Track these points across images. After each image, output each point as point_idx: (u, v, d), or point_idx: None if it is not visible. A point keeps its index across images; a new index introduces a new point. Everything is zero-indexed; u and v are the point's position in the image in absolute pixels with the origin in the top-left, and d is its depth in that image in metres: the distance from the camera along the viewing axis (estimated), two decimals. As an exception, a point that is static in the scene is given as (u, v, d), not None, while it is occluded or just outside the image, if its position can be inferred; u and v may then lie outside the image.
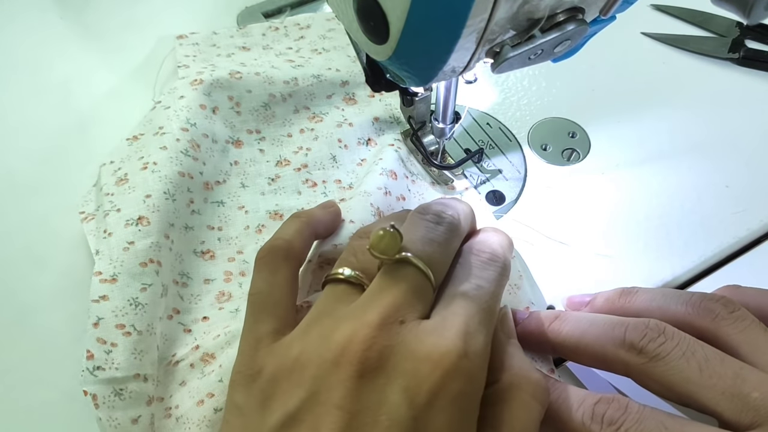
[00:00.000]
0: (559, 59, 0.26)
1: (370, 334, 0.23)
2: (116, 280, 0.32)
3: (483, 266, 0.27)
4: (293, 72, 0.43)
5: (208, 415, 0.30)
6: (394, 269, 0.25)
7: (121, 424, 0.29)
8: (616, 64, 0.46)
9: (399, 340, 0.23)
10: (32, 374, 0.33)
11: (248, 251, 0.37)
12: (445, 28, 0.21)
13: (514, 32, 0.23)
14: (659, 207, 0.38)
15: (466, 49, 0.22)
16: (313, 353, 0.24)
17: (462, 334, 0.23)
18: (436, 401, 0.22)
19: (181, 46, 0.46)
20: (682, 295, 0.28)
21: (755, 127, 0.42)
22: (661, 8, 0.50)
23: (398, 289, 0.25)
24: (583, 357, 0.28)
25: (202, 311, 0.35)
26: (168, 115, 0.39)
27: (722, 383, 0.24)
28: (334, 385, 0.22)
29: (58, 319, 0.35)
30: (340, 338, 0.23)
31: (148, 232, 0.34)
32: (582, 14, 0.23)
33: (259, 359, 0.25)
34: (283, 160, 0.41)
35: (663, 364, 0.25)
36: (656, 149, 0.41)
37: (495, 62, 0.23)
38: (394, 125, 0.43)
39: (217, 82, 0.41)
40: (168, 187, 0.35)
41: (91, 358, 0.30)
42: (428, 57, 0.22)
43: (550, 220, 0.37)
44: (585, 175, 0.40)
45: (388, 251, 0.25)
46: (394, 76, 0.28)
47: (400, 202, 0.37)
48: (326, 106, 0.43)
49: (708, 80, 0.45)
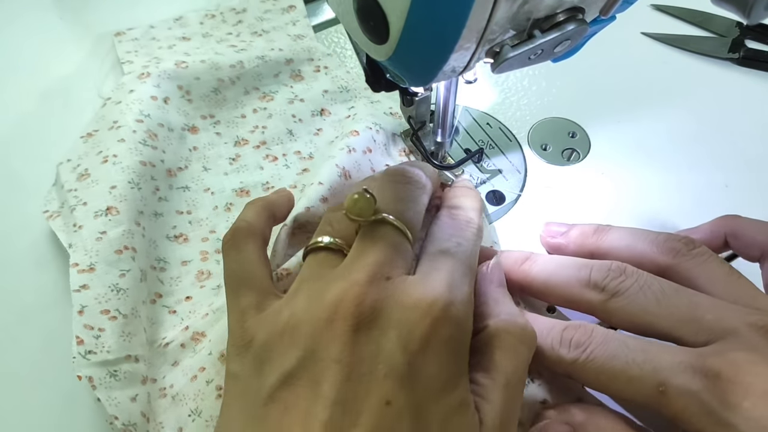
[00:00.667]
0: (559, 59, 0.26)
1: (360, 290, 0.24)
2: (94, 269, 0.33)
3: (461, 226, 0.30)
4: (237, 56, 0.44)
5: (202, 389, 0.31)
6: (372, 229, 0.27)
7: (121, 403, 0.29)
8: (616, 64, 0.46)
9: (388, 294, 0.24)
10: (32, 374, 0.33)
11: (220, 229, 0.38)
12: (445, 28, 0.21)
13: (514, 32, 0.23)
14: (659, 207, 0.38)
15: (466, 49, 0.22)
16: (304, 315, 0.24)
17: (447, 284, 0.25)
18: (428, 346, 0.23)
19: (120, 43, 0.47)
20: (649, 235, 0.30)
21: (755, 127, 0.42)
22: (661, 8, 0.50)
23: (380, 248, 0.26)
24: (550, 296, 0.30)
25: (184, 291, 0.35)
26: (121, 109, 0.39)
27: (678, 311, 0.26)
28: (330, 341, 0.23)
29: (58, 319, 0.35)
30: (331, 297, 0.24)
31: (118, 221, 0.34)
32: (582, 14, 0.23)
33: (249, 329, 0.26)
34: (241, 140, 0.42)
35: (623, 299, 0.27)
36: (656, 149, 0.41)
37: (495, 62, 0.23)
38: (344, 93, 0.44)
39: (164, 73, 0.41)
40: (132, 176, 0.36)
41: (81, 343, 0.30)
42: (428, 57, 0.22)
43: (550, 220, 0.37)
44: (585, 175, 0.40)
45: (363, 213, 0.26)
46: (394, 76, 0.28)
47: (367, 155, 0.37)
48: (275, 84, 0.45)
49: (708, 80, 0.45)
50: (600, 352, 0.26)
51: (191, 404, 0.31)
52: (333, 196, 0.34)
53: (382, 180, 0.30)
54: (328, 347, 0.23)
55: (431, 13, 0.20)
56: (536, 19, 0.22)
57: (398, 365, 0.23)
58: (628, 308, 0.27)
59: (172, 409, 0.31)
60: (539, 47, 0.23)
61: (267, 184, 0.40)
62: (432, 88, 0.37)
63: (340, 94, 0.44)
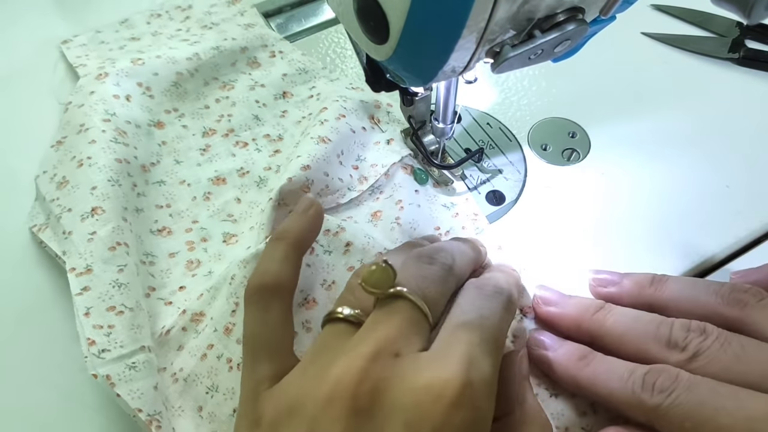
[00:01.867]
0: (559, 59, 0.26)
1: (362, 366, 0.22)
2: (91, 270, 0.33)
3: (486, 297, 0.27)
4: (192, 48, 0.44)
5: (214, 365, 0.31)
6: (387, 303, 0.25)
7: (144, 393, 0.29)
8: (616, 64, 0.46)
9: (395, 372, 0.22)
10: (33, 374, 0.33)
11: (202, 218, 0.38)
12: (445, 28, 0.21)
13: (514, 32, 0.23)
14: (659, 207, 0.38)
15: (466, 49, 0.22)
16: (309, 392, 0.23)
17: (465, 362, 0.22)
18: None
19: (69, 50, 0.47)
20: (711, 285, 0.29)
21: (755, 127, 0.42)
22: (661, 8, 0.50)
23: (392, 322, 0.24)
24: (624, 350, 0.28)
25: (177, 282, 0.36)
26: (85, 111, 0.39)
27: (760, 366, 0.25)
28: (329, 423, 0.22)
29: (58, 319, 0.35)
30: (333, 374, 0.23)
31: (106, 219, 0.34)
32: (582, 14, 0.23)
33: (260, 405, 0.25)
34: (209, 130, 0.42)
35: (703, 359, 0.25)
36: (656, 149, 0.41)
37: (495, 62, 0.23)
38: (303, 75, 0.45)
39: (122, 71, 0.42)
40: (110, 174, 0.36)
41: (93, 344, 0.30)
42: (428, 57, 0.22)
43: (550, 220, 0.37)
44: (585, 175, 0.40)
45: (380, 285, 0.25)
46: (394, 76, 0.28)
47: (341, 120, 0.38)
48: (233, 73, 0.45)
49: (708, 80, 0.45)
50: (686, 397, 0.24)
51: (206, 381, 0.31)
52: (314, 163, 0.36)
53: (406, 257, 0.28)
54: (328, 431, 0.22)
55: (431, 13, 0.20)
56: (536, 19, 0.22)
57: None
58: (708, 368, 0.25)
59: (187, 392, 0.31)
60: (539, 47, 0.23)
61: (242, 170, 0.40)
62: (432, 88, 0.37)
63: (300, 76, 0.45)
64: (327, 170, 0.37)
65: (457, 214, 0.38)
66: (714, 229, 0.37)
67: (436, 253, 0.28)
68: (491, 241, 0.36)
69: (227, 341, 0.31)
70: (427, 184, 0.39)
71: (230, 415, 0.30)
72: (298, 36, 0.50)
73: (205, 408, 0.30)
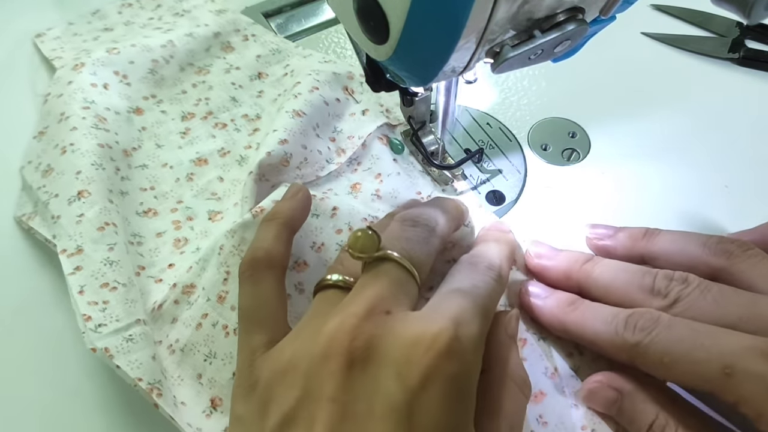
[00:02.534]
0: (559, 59, 0.26)
1: (355, 323, 0.23)
2: (82, 250, 0.33)
3: (479, 273, 0.28)
4: (166, 36, 0.45)
5: (210, 333, 0.32)
6: (375, 266, 0.26)
7: (143, 363, 0.30)
8: (616, 64, 0.46)
9: (387, 328, 0.23)
10: (33, 374, 0.33)
11: (186, 198, 0.39)
12: (445, 28, 0.21)
13: (514, 32, 0.23)
14: (659, 207, 0.38)
15: (466, 49, 0.22)
16: (303, 352, 0.24)
17: (454, 319, 0.23)
18: (429, 384, 0.22)
19: (43, 43, 0.48)
20: (700, 237, 0.30)
21: (755, 127, 0.42)
22: (661, 8, 0.50)
23: (381, 282, 0.25)
24: (610, 299, 0.29)
25: (166, 260, 0.36)
26: (64, 100, 0.40)
27: (738, 310, 0.26)
28: (325, 378, 0.22)
29: (59, 318, 0.35)
30: (326, 333, 0.23)
31: (92, 201, 0.35)
32: (582, 14, 0.23)
33: (255, 370, 0.25)
34: (187, 114, 0.43)
35: (683, 304, 0.27)
36: (656, 149, 0.41)
37: (495, 62, 0.23)
38: (277, 55, 0.46)
39: (98, 61, 0.42)
40: (93, 159, 0.37)
41: (89, 320, 0.31)
42: (428, 57, 0.22)
43: (550, 220, 0.37)
44: (585, 175, 0.40)
45: (366, 249, 0.26)
46: (394, 76, 0.28)
47: (314, 92, 0.39)
48: (208, 58, 0.46)
49: (708, 80, 0.45)
50: (665, 335, 0.26)
51: (204, 349, 0.31)
52: (291, 136, 0.36)
53: (389, 222, 0.30)
54: (323, 385, 0.22)
55: (431, 13, 0.20)
56: (536, 19, 0.22)
57: (397, 404, 0.21)
58: (688, 313, 0.27)
59: (185, 361, 0.32)
60: (539, 47, 0.23)
61: (222, 150, 0.41)
62: (432, 88, 0.37)
63: (273, 56, 0.46)
64: (305, 143, 0.37)
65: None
66: (714, 229, 0.37)
67: (418, 216, 0.29)
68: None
69: (221, 309, 0.32)
70: (404, 153, 0.40)
71: (230, 379, 0.31)
72: (298, 36, 0.49)
73: (205, 375, 0.31)
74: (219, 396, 0.31)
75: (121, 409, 0.32)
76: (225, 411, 0.30)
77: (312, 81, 0.40)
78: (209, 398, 0.31)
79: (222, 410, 0.30)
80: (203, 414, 0.30)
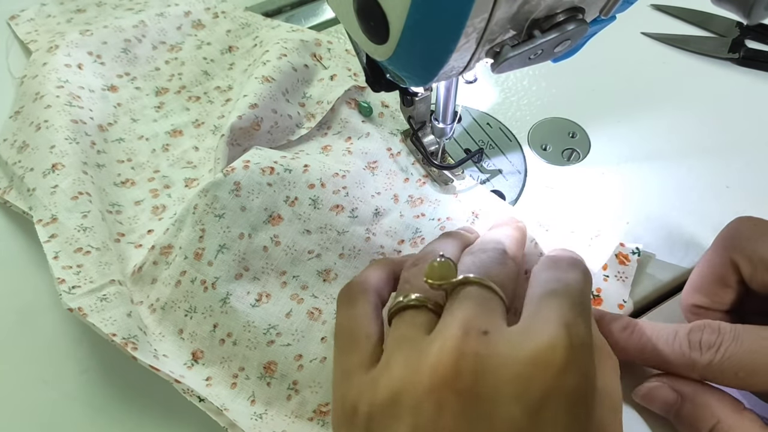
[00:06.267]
0: (559, 59, 0.26)
1: (455, 346, 0.22)
2: (56, 219, 0.35)
3: (564, 269, 0.26)
4: (138, 16, 0.47)
5: (189, 289, 0.33)
6: (458, 291, 0.25)
7: (117, 320, 0.31)
8: (616, 64, 0.46)
9: (490, 349, 0.22)
10: (33, 374, 0.33)
11: (163, 167, 0.41)
12: (445, 28, 0.21)
13: (514, 32, 0.23)
14: (659, 207, 0.38)
15: (466, 49, 0.22)
16: (403, 384, 0.23)
17: (563, 326, 0.22)
18: (551, 402, 0.21)
19: (18, 26, 0.49)
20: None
21: (755, 127, 0.42)
22: (661, 8, 0.50)
23: (468, 304, 0.24)
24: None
25: (145, 227, 0.37)
26: (39, 81, 0.41)
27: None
28: (436, 410, 0.21)
29: (59, 319, 0.35)
30: (429, 363, 0.22)
31: (66, 173, 0.36)
32: (582, 14, 0.23)
33: (351, 396, 0.25)
34: (161, 89, 0.45)
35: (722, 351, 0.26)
36: (656, 149, 0.41)
37: (495, 62, 0.23)
38: (246, 28, 0.47)
39: (72, 43, 0.43)
40: (67, 134, 0.38)
41: (63, 282, 0.32)
42: (428, 57, 0.22)
43: (550, 220, 0.37)
44: (585, 175, 0.40)
45: (446, 276, 0.25)
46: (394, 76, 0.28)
47: (283, 59, 0.41)
48: (179, 36, 0.47)
49: (708, 80, 0.45)
50: (734, 348, 0.25)
51: (184, 305, 0.33)
52: (261, 101, 0.38)
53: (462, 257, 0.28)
54: (437, 419, 0.21)
55: (431, 13, 0.20)
56: (536, 19, 0.22)
57: (521, 427, 0.20)
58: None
59: (166, 318, 0.33)
60: (539, 47, 0.22)
61: (197, 122, 0.43)
62: (432, 88, 0.37)
63: (243, 30, 0.47)
64: (275, 107, 0.39)
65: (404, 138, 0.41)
66: (714, 229, 0.36)
67: (486, 244, 0.29)
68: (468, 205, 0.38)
69: (199, 265, 0.33)
70: (373, 115, 0.41)
71: (211, 331, 0.32)
72: (298, 36, 0.49)
73: (186, 329, 0.33)
74: (200, 349, 0.32)
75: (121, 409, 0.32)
76: (206, 363, 0.32)
77: (280, 48, 0.42)
78: (190, 351, 0.32)
79: (203, 362, 0.32)
80: (184, 366, 0.32)
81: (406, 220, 0.37)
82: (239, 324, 0.32)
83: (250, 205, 0.34)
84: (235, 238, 0.33)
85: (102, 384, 0.33)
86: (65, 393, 0.32)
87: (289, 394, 0.31)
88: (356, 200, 0.36)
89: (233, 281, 0.33)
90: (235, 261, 0.33)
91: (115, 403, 0.32)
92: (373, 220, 0.36)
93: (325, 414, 0.30)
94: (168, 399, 0.31)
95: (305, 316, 0.33)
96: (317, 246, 0.35)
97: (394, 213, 0.37)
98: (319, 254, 0.35)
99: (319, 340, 0.32)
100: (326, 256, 0.35)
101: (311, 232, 0.35)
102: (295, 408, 0.31)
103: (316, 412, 0.30)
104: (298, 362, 0.31)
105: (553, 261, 0.27)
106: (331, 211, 0.35)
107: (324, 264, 0.35)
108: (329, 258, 0.35)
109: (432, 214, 0.38)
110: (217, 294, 0.32)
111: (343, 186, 0.36)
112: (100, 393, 0.32)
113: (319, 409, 0.30)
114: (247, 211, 0.34)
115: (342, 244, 0.35)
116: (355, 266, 0.35)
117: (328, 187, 0.35)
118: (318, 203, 0.35)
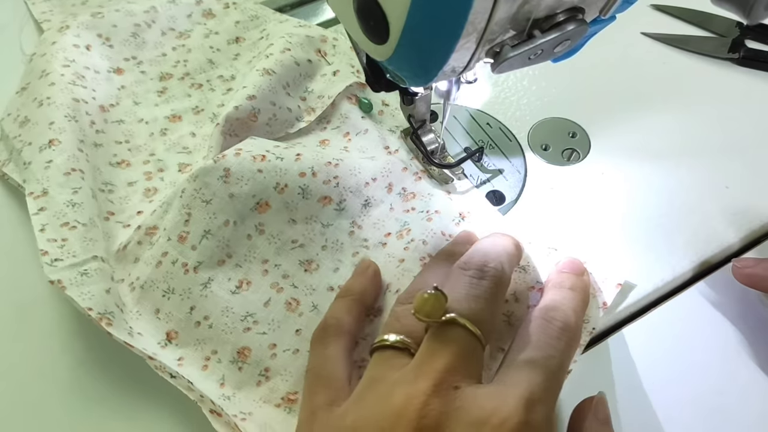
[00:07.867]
0: (559, 59, 0.26)
1: (424, 401, 0.23)
2: (47, 192, 0.35)
3: (554, 337, 0.26)
4: (149, 2, 0.47)
5: (169, 270, 0.33)
6: (441, 332, 0.25)
7: (95, 296, 0.31)
8: (616, 64, 0.46)
9: (456, 406, 0.23)
10: (29, 367, 0.33)
11: (159, 151, 0.41)
12: (445, 28, 0.21)
13: (514, 32, 0.23)
14: (659, 207, 0.38)
15: (466, 49, 0.22)
16: (368, 421, 0.24)
17: (524, 400, 0.23)
18: None
19: (34, 5, 0.50)
20: None
21: (755, 127, 0.42)
22: (661, 8, 0.50)
23: (448, 352, 0.24)
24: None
25: (135, 208, 0.38)
26: (47, 59, 0.42)
27: None
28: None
29: (55, 312, 0.35)
30: (395, 405, 0.23)
31: (62, 149, 0.37)
32: (582, 14, 0.23)
33: (316, 428, 0.25)
34: (165, 74, 0.45)
35: None
36: (656, 149, 0.41)
37: (495, 62, 0.23)
38: (255, 21, 0.48)
39: (82, 24, 0.44)
40: (67, 111, 0.39)
41: (46, 254, 0.33)
42: (428, 57, 0.22)
43: (550, 221, 0.37)
44: (585, 175, 0.40)
45: (433, 314, 0.25)
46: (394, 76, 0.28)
47: (286, 53, 0.41)
48: (189, 24, 0.48)
49: (708, 80, 0.45)
50: None
51: (162, 285, 0.33)
52: (260, 93, 0.39)
53: (455, 271, 0.28)
54: None
55: (431, 13, 0.20)
56: (536, 19, 0.22)
57: None
58: None
59: (144, 297, 0.33)
60: (539, 47, 0.23)
61: (197, 108, 0.43)
62: (432, 88, 0.37)
63: (252, 22, 0.48)
64: (273, 100, 0.39)
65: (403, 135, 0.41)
66: (714, 229, 0.37)
67: (485, 264, 0.28)
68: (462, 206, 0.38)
69: (182, 248, 0.33)
70: (373, 112, 0.42)
71: (187, 313, 0.33)
72: (298, 36, 0.49)
73: (163, 309, 0.33)
74: (175, 330, 0.33)
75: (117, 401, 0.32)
76: (180, 344, 0.33)
77: (284, 43, 0.42)
78: (165, 332, 0.33)
79: (177, 343, 0.33)
80: (158, 345, 0.32)
81: (396, 214, 0.37)
82: (218, 308, 0.33)
83: (238, 191, 0.34)
84: (220, 225, 0.34)
85: (98, 376, 0.33)
86: (61, 385, 0.33)
87: (259, 380, 0.31)
88: (346, 191, 0.36)
89: (215, 267, 0.34)
90: (218, 248, 0.34)
91: (111, 395, 0.32)
92: (361, 211, 0.37)
93: (292, 402, 0.31)
94: (163, 392, 0.31)
95: (283, 306, 0.33)
96: (301, 236, 0.35)
97: (384, 205, 0.38)
98: (302, 244, 0.35)
99: (294, 332, 0.33)
100: (310, 246, 0.35)
101: (297, 222, 0.35)
102: (264, 394, 0.31)
103: (284, 399, 0.31)
104: (272, 351, 0.32)
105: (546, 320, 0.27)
106: (318, 202, 0.36)
107: (307, 254, 0.35)
108: (312, 249, 0.35)
109: (422, 207, 0.38)
110: (198, 278, 0.33)
111: (335, 176, 0.36)
112: (96, 385, 0.33)
113: (287, 396, 0.31)
114: (234, 198, 0.34)
115: (326, 237, 0.36)
116: (338, 259, 0.35)
117: (319, 177, 0.35)
118: (307, 193, 0.35)
